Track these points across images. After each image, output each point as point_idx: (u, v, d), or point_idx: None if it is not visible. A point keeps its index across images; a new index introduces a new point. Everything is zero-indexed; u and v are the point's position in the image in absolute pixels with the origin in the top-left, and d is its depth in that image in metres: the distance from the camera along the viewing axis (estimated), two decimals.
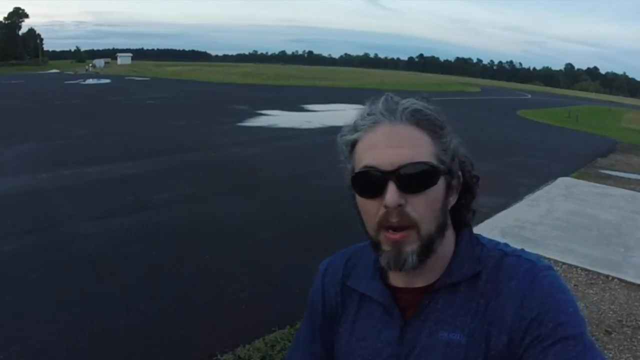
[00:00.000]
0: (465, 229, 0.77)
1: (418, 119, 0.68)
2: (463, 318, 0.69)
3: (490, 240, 0.77)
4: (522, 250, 0.74)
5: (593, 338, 0.68)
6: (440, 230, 0.70)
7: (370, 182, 0.67)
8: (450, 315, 0.70)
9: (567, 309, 0.65)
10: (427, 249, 0.68)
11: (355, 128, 0.70)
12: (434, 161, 0.67)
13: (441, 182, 0.68)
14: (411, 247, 0.67)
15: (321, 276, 0.86)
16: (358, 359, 0.76)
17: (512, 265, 0.70)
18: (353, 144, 0.70)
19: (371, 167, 0.66)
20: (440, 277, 0.72)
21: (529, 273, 0.68)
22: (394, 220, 0.66)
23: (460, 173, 0.72)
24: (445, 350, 0.69)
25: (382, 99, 0.69)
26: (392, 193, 0.65)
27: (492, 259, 0.72)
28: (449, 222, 0.74)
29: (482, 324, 0.68)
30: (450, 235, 0.74)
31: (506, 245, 0.76)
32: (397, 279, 0.75)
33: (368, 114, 0.69)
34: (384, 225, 0.67)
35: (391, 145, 0.66)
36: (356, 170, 0.68)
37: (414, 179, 0.65)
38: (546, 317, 0.64)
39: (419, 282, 0.73)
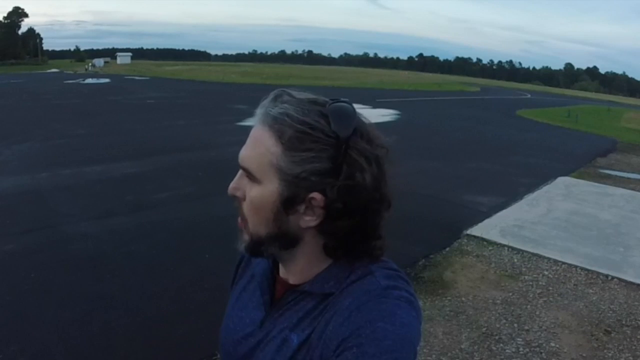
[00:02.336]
0: (364, 260, 0.69)
1: (276, 127, 0.64)
2: (306, 324, 0.69)
3: (385, 277, 0.67)
4: (396, 276, 0.68)
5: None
6: (273, 238, 0.68)
7: None
8: (299, 317, 0.71)
9: (382, 341, 0.58)
10: (255, 247, 0.70)
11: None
12: (269, 171, 0.65)
13: (272, 192, 0.65)
14: (245, 237, 0.70)
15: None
16: (231, 324, 0.81)
17: (362, 284, 0.66)
18: None
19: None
20: (309, 281, 0.71)
21: (367, 293, 0.64)
22: (235, 204, 0.70)
23: (314, 195, 0.64)
24: (288, 352, 0.69)
25: (271, 96, 0.69)
26: (232, 183, 0.70)
27: (355, 275, 0.67)
28: (309, 239, 0.68)
29: (311, 333, 0.67)
30: (312, 249, 0.69)
31: (388, 268, 0.69)
32: (281, 268, 0.77)
33: (259, 109, 0.70)
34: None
35: (246, 144, 0.68)
36: None
37: (247, 179, 0.68)
38: (354, 341, 0.59)
39: (290, 278, 0.74)
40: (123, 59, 75.12)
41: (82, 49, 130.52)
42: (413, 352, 0.61)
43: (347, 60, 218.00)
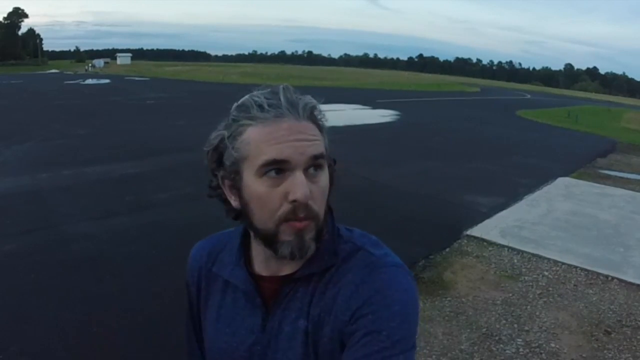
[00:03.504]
0: (328, 216, 0.75)
1: (315, 117, 0.70)
2: (313, 306, 0.71)
3: (347, 230, 0.78)
4: (374, 242, 0.76)
5: (415, 343, 0.68)
6: (326, 218, 0.72)
7: (276, 176, 0.66)
8: (306, 303, 0.72)
9: (392, 306, 0.66)
10: (320, 235, 0.70)
11: (251, 117, 0.68)
12: (324, 152, 0.70)
13: (327, 173, 0.71)
14: (310, 235, 0.68)
15: (190, 260, 0.88)
16: (224, 345, 0.78)
17: (357, 259, 0.72)
18: (240, 132, 0.69)
19: (280, 160, 0.65)
20: (301, 267, 0.73)
21: (367, 267, 0.70)
22: (301, 214, 0.66)
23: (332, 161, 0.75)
24: (303, 338, 0.71)
25: (282, 92, 0.69)
26: (304, 188, 0.65)
27: (344, 252, 0.73)
28: None
29: (320, 312, 0.71)
30: None
31: (362, 235, 0.77)
32: (261, 268, 0.76)
33: (270, 106, 0.67)
34: (290, 218, 0.66)
35: (298, 138, 0.66)
36: (258, 163, 0.66)
37: (317, 173, 0.68)
38: (368, 309, 0.66)
39: (285, 270, 0.73)
40: (123, 59, 75.13)
41: (82, 49, 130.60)
42: (417, 311, 0.70)
43: (347, 60, 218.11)
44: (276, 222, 0.67)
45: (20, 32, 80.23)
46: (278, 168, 0.65)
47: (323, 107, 0.74)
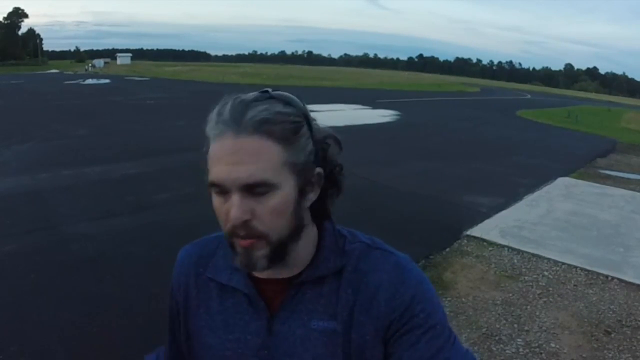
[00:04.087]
0: (327, 222, 0.76)
1: (266, 129, 0.63)
2: (334, 307, 0.72)
3: (348, 231, 0.79)
4: (380, 241, 0.78)
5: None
6: (294, 233, 0.69)
7: (220, 196, 0.65)
8: (321, 304, 0.72)
9: (433, 300, 0.73)
10: (278, 252, 0.67)
11: (207, 133, 0.67)
12: (285, 171, 0.65)
13: (290, 188, 0.66)
14: (261, 253, 0.66)
15: (178, 266, 0.86)
16: (227, 352, 0.76)
17: (378, 258, 0.74)
18: (207, 147, 0.68)
19: (217, 183, 0.64)
20: (306, 269, 0.73)
21: (397, 267, 0.74)
22: (241, 233, 0.65)
23: (318, 170, 0.69)
24: (323, 339, 0.71)
25: (230, 104, 0.65)
26: (235, 209, 0.63)
27: (356, 250, 0.74)
28: (308, 219, 0.72)
29: (353, 313, 0.71)
30: (311, 229, 0.73)
31: (363, 235, 0.79)
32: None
33: (216, 122, 0.65)
34: (233, 235, 0.66)
35: (233, 161, 0.63)
36: (208, 181, 0.66)
37: (257, 194, 0.64)
38: (417, 308, 0.70)
39: (284, 273, 0.73)
40: (123, 59, 75.09)
41: (82, 49, 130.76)
42: None
43: (347, 60, 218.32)
44: (227, 235, 0.67)
45: (20, 32, 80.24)
46: (219, 189, 0.65)
47: (322, 106, 0.73)
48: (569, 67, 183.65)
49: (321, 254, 0.73)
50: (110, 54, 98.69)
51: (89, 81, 30.45)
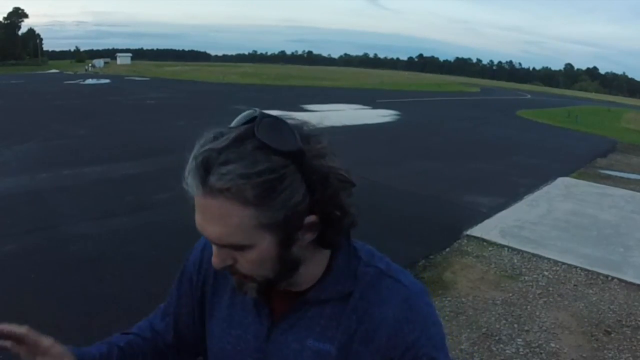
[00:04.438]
0: (342, 248, 0.72)
1: (236, 191, 0.57)
2: (334, 330, 0.70)
3: (367, 251, 0.74)
4: (396, 267, 0.74)
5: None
6: (284, 274, 0.66)
7: None
8: (321, 325, 0.70)
9: (438, 345, 0.69)
10: (268, 287, 0.68)
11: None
12: (258, 231, 0.60)
13: (269, 244, 0.62)
14: (249, 286, 0.67)
15: (202, 248, 0.84)
16: (228, 346, 0.77)
17: (389, 289, 0.70)
18: None
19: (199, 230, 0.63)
20: (313, 288, 0.70)
21: (405, 301, 0.69)
22: (227, 270, 0.66)
23: (311, 219, 0.62)
24: (315, 358, 0.70)
25: (194, 163, 0.59)
26: (214, 258, 0.64)
27: (367, 275, 0.70)
28: (310, 251, 0.67)
29: (353, 341, 0.69)
30: (317, 254, 0.69)
31: (381, 259, 0.74)
32: None
33: (185, 175, 0.60)
34: None
35: (205, 219, 0.60)
36: None
37: (232, 250, 0.63)
38: (420, 351, 0.67)
39: (293, 287, 0.71)
40: (123, 59, 75.09)
41: (82, 49, 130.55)
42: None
43: (347, 60, 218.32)
44: None
45: (20, 32, 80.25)
46: None
47: (322, 106, 0.70)
48: (569, 67, 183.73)
49: (331, 275, 0.70)
50: (110, 54, 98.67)
51: (89, 81, 30.43)
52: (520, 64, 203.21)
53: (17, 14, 79.17)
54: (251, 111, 0.63)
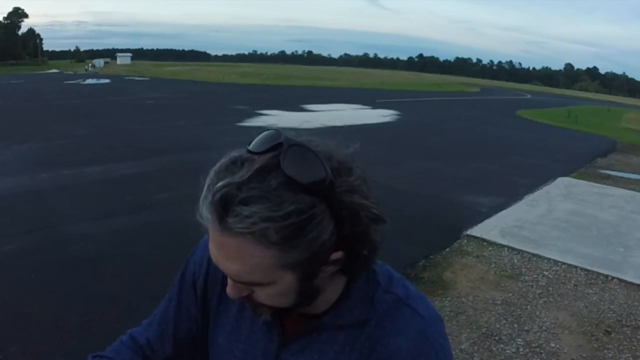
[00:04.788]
0: (361, 277, 0.68)
1: (255, 236, 0.53)
2: (347, 356, 0.67)
3: (385, 273, 0.70)
4: (414, 292, 0.70)
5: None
6: (303, 303, 0.63)
7: None
8: (334, 350, 0.67)
9: None
10: (282, 315, 0.65)
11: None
12: (278, 269, 0.56)
13: (291, 281, 0.58)
14: (265, 310, 0.63)
15: (205, 247, 0.76)
16: (233, 359, 0.75)
17: (405, 320, 0.67)
18: None
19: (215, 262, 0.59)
20: (328, 312, 0.67)
21: (420, 335, 0.66)
22: (244, 300, 0.63)
23: (337, 255, 0.58)
24: None
25: (210, 198, 0.54)
26: (229, 289, 0.61)
27: (385, 303, 0.67)
28: (331, 279, 0.63)
29: None
30: (336, 279, 0.65)
31: (399, 282, 0.70)
32: None
33: (200, 207, 0.57)
34: None
35: (221, 255, 0.57)
36: None
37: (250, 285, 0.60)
38: None
39: (308, 308, 0.66)
40: (123, 59, 75.09)
41: (82, 49, 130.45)
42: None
43: (347, 60, 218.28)
44: None
45: (20, 32, 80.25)
46: None
47: (322, 106, 0.66)
48: (569, 67, 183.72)
49: (348, 300, 0.67)
50: (110, 53, 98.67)
51: (89, 81, 30.44)
52: (520, 63, 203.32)
53: (17, 14, 79.18)
54: (274, 133, 0.57)
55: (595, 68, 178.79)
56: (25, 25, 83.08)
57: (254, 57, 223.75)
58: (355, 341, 0.67)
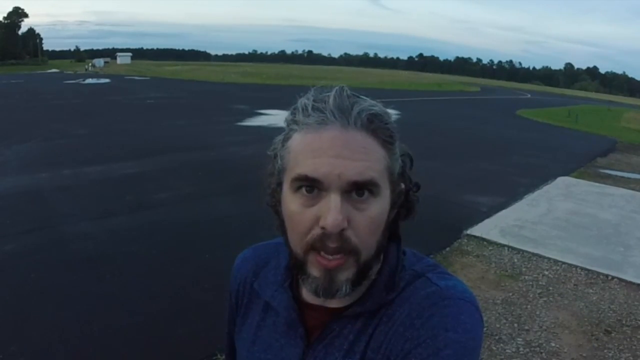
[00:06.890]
0: (392, 245, 0.66)
1: (375, 127, 0.57)
2: (361, 344, 0.62)
3: (412, 256, 0.68)
4: (444, 272, 0.65)
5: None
6: (379, 253, 0.61)
7: (308, 194, 0.56)
8: (350, 342, 0.63)
9: (443, 350, 0.55)
10: (362, 275, 0.59)
11: (294, 121, 0.59)
12: (385, 177, 0.58)
13: (387, 199, 0.59)
14: (346, 275, 0.57)
15: (235, 270, 0.79)
16: None
17: (416, 288, 0.61)
18: (287, 138, 0.60)
19: (312, 178, 0.55)
20: (356, 301, 0.63)
21: (428, 298, 0.59)
22: (332, 245, 0.55)
23: (402, 186, 0.63)
24: None
25: (334, 92, 0.58)
26: (334, 213, 0.54)
27: (402, 281, 0.63)
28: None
29: (366, 350, 0.61)
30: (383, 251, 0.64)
31: (421, 260, 0.67)
32: (309, 294, 0.64)
33: (313, 109, 0.57)
34: (317, 247, 0.56)
35: (340, 155, 0.55)
36: (292, 175, 0.57)
37: (364, 199, 0.56)
38: (416, 353, 0.56)
39: (335, 302, 0.63)
40: (123, 59, 75.06)
41: (82, 49, 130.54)
42: (477, 354, 0.57)
43: (347, 60, 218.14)
44: (304, 249, 0.58)
45: (20, 32, 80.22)
46: (310, 185, 0.56)
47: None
48: (569, 66, 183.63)
49: (375, 287, 0.63)
50: (110, 53, 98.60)
51: (89, 81, 30.44)
52: (520, 63, 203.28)
53: (17, 14, 79.11)
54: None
55: (595, 67, 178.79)
56: (26, 25, 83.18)
57: (254, 57, 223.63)
58: (369, 325, 0.62)
